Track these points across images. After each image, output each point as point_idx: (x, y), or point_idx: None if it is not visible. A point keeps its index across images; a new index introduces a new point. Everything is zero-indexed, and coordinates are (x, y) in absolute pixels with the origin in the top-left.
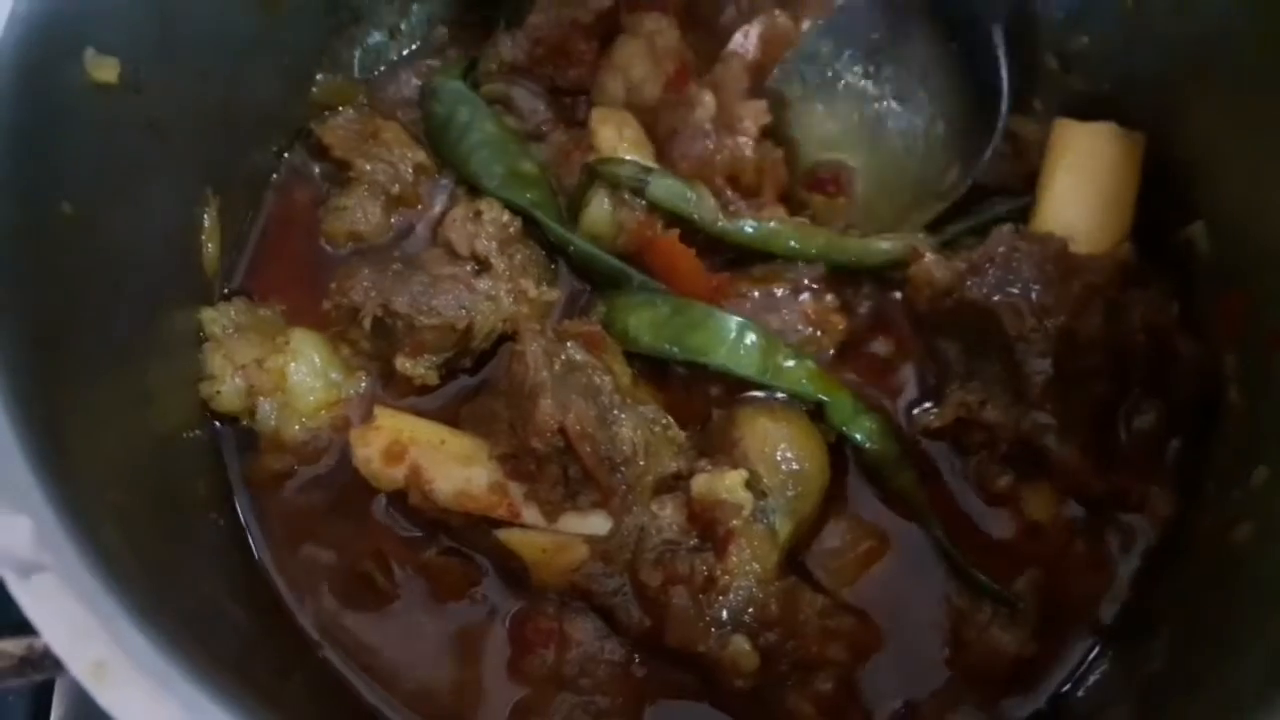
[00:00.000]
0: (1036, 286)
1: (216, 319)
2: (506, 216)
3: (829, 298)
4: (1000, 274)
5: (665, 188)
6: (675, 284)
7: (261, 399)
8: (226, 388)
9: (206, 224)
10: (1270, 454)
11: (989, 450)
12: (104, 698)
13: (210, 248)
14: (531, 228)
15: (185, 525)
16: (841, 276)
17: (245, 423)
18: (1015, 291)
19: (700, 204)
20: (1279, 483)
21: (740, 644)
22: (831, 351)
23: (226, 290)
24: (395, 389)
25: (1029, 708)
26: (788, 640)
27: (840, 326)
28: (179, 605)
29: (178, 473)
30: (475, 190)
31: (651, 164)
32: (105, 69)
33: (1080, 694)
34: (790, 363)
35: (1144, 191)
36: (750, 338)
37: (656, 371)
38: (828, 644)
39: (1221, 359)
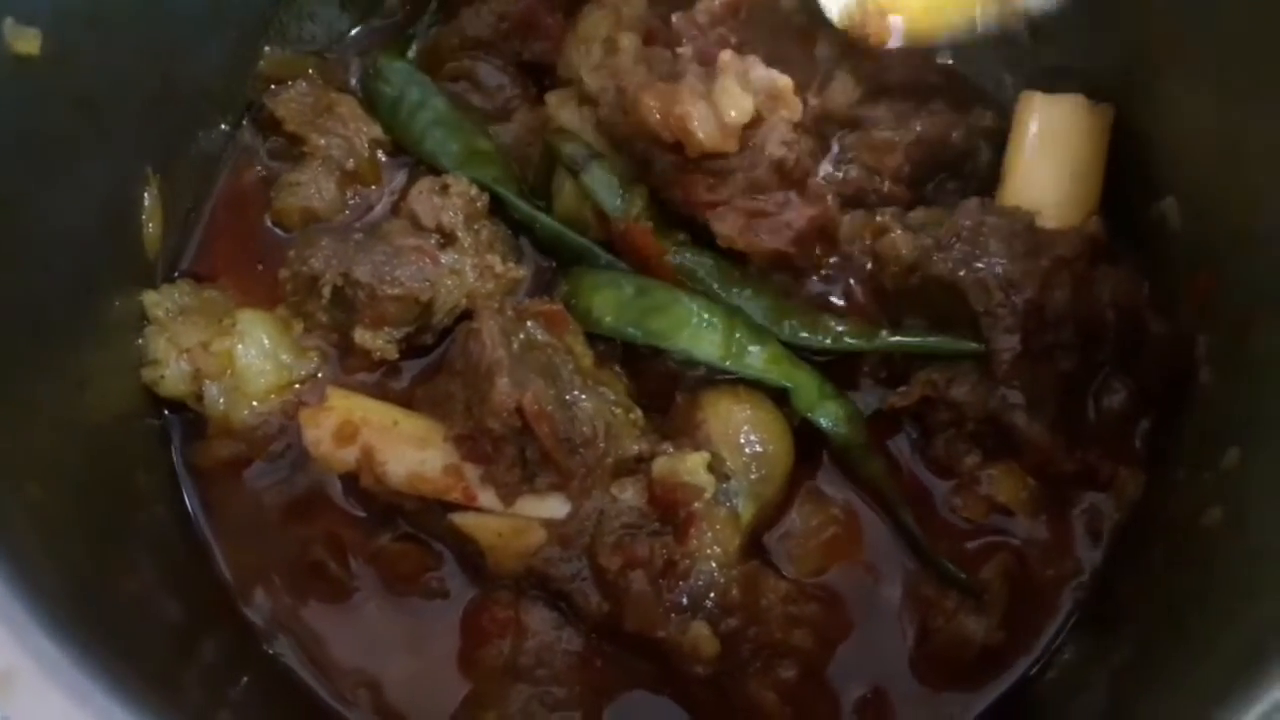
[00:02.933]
0: (1003, 261)
1: (159, 302)
2: (474, 191)
3: None
4: (967, 248)
5: (598, 179)
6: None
7: (208, 382)
8: (170, 372)
9: (147, 203)
10: (1241, 436)
11: (956, 429)
12: (9, 710)
13: (151, 228)
14: (496, 203)
15: (119, 519)
16: None
17: (192, 408)
18: (982, 266)
19: (627, 208)
20: (1250, 466)
21: (700, 629)
22: None
23: (176, 273)
24: (352, 363)
25: (996, 693)
26: (750, 626)
27: None
28: (104, 608)
29: (115, 463)
30: (435, 169)
31: (600, 149)
32: (26, 40)
33: (1049, 679)
34: (754, 347)
35: (1114, 167)
36: (713, 323)
37: (622, 352)
38: (791, 630)
39: (1193, 338)
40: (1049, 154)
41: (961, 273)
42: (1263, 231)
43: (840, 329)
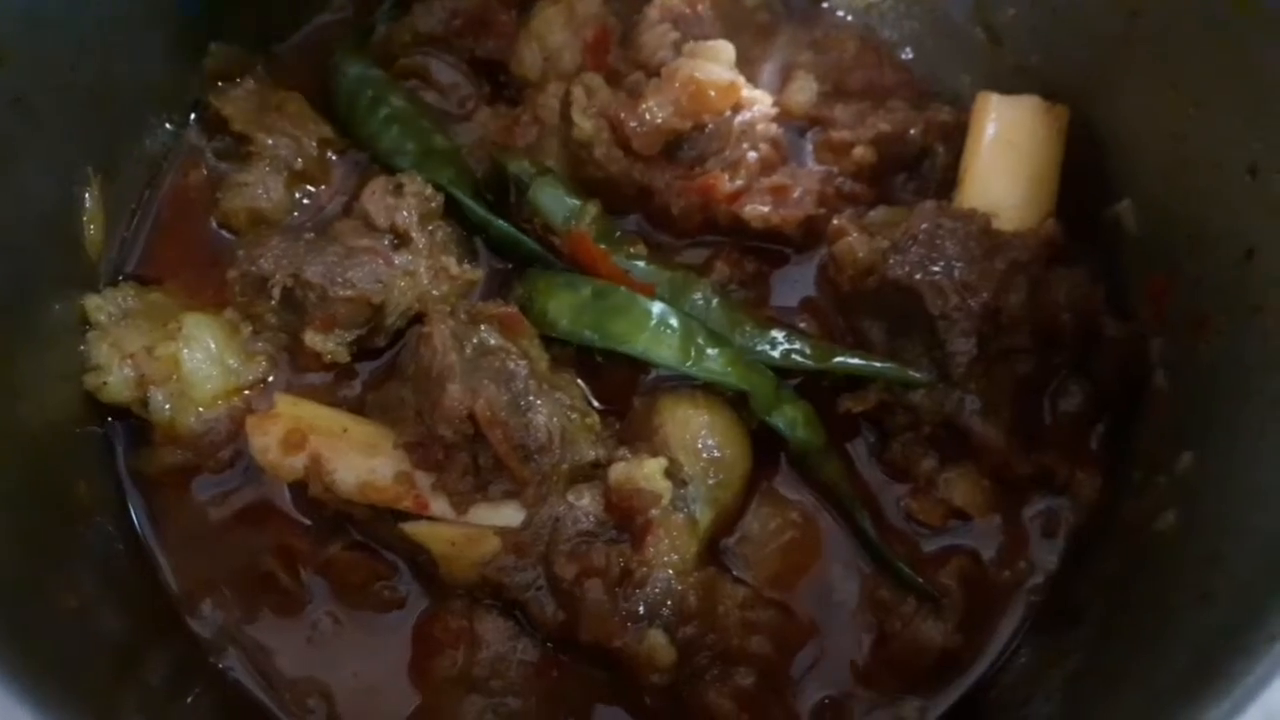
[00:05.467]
0: (960, 264)
1: (102, 306)
2: (429, 190)
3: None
4: (923, 251)
5: (547, 195)
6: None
7: (153, 388)
8: (114, 378)
9: (88, 205)
10: (1196, 439)
11: (913, 432)
12: None
13: (93, 230)
14: (451, 204)
15: (58, 533)
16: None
17: (136, 414)
18: (938, 269)
19: (580, 217)
20: (1204, 470)
21: (657, 638)
22: None
23: (121, 276)
24: (302, 365)
25: (953, 697)
26: (707, 633)
27: None
28: (39, 630)
29: (54, 474)
30: (390, 168)
31: (549, 164)
32: None
33: (1005, 683)
34: (712, 350)
35: (1071, 170)
36: (672, 326)
37: (580, 356)
38: (749, 637)
39: (1148, 341)
40: (1005, 156)
41: (918, 276)
42: (1215, 235)
43: (795, 346)
